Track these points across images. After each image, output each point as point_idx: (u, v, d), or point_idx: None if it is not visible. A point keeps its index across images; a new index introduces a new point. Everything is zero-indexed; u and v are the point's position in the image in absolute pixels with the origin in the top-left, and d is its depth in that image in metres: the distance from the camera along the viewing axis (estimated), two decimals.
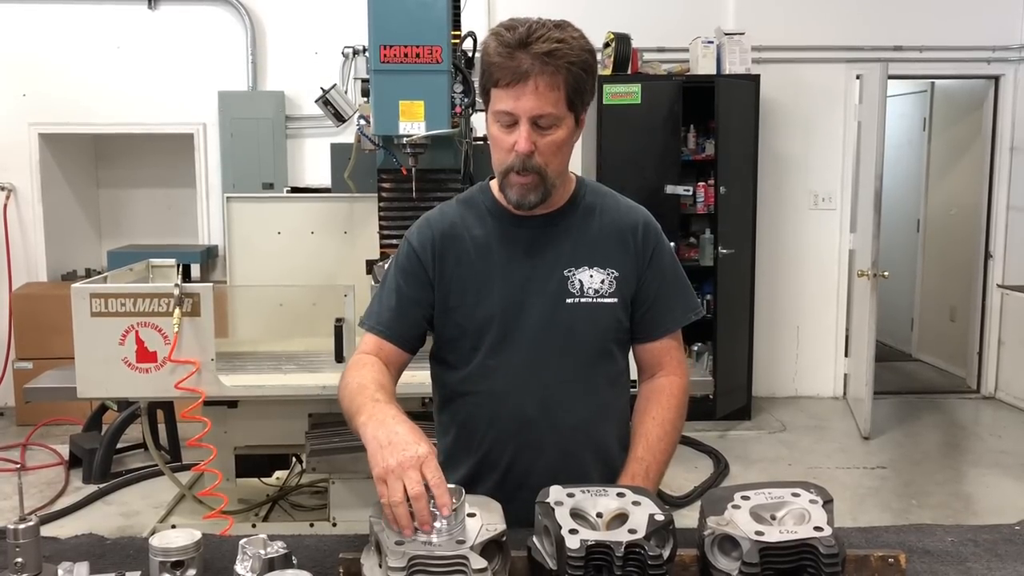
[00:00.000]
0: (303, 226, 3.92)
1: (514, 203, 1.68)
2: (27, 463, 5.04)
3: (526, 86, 1.57)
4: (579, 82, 1.61)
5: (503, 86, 1.59)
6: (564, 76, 1.58)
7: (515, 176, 1.64)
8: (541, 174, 1.64)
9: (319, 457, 3.25)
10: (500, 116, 1.62)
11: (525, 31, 1.57)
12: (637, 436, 1.78)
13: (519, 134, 1.60)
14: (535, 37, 1.57)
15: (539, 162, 1.62)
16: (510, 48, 1.57)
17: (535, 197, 1.66)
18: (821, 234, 6.28)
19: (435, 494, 1.34)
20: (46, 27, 5.93)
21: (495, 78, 1.60)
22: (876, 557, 1.48)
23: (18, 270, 6.04)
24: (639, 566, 1.36)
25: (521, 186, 1.65)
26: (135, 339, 3.03)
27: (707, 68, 5.61)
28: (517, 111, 1.59)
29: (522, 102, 1.58)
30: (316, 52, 5.83)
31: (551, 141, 1.62)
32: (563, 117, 1.62)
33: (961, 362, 6.81)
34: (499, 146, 1.65)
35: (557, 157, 1.65)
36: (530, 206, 1.68)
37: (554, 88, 1.58)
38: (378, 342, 1.75)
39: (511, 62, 1.57)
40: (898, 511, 4.44)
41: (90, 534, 1.69)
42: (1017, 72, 6.21)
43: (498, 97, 1.61)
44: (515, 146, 1.61)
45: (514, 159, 1.62)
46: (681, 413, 1.81)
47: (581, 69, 1.60)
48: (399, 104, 3.09)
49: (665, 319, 1.80)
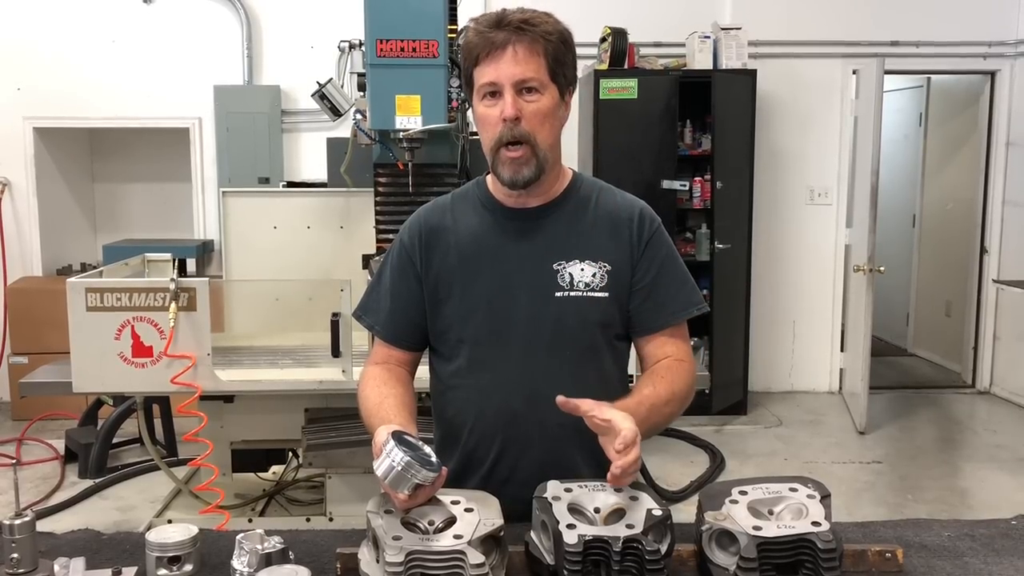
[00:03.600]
0: (299, 221, 3.91)
1: (508, 180, 1.66)
2: (23, 458, 5.03)
3: (504, 53, 1.60)
4: (559, 53, 1.64)
5: (483, 60, 1.62)
6: (543, 45, 1.62)
7: (506, 151, 1.64)
8: (531, 143, 1.63)
9: (315, 452, 3.25)
10: (484, 91, 1.64)
11: (499, 12, 1.64)
12: (636, 390, 1.69)
13: (504, 102, 1.61)
14: (510, 15, 1.63)
15: (526, 129, 1.62)
16: (487, 27, 1.62)
17: (528, 171, 1.65)
18: (817, 229, 6.28)
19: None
20: (41, 20, 5.90)
21: (474, 55, 1.63)
22: (874, 552, 1.48)
23: (13, 264, 6.02)
24: (637, 561, 1.36)
25: (513, 160, 1.64)
26: (131, 334, 3.02)
27: (704, 63, 5.61)
28: (499, 79, 1.61)
29: (502, 68, 1.60)
30: (312, 46, 5.81)
31: (536, 108, 1.63)
32: (546, 84, 1.63)
33: (956, 357, 6.83)
34: (486, 123, 1.65)
35: (544, 126, 1.65)
36: (524, 182, 1.66)
37: (533, 54, 1.61)
38: (387, 350, 1.81)
39: (488, 36, 1.61)
40: (894, 506, 4.45)
41: (86, 529, 1.69)
42: (1013, 67, 6.21)
43: (480, 73, 1.64)
44: (501, 114, 1.61)
45: (502, 129, 1.62)
46: (684, 386, 1.71)
47: (560, 41, 1.65)
48: (395, 99, 3.08)
49: (665, 310, 1.75)
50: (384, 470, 1.40)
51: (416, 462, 1.39)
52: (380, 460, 1.42)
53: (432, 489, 1.44)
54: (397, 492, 1.40)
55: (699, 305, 1.80)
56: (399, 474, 1.39)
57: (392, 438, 1.42)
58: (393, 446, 1.41)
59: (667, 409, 1.67)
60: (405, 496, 1.40)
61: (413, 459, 1.39)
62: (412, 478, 1.39)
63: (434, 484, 1.43)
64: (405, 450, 1.40)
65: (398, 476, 1.39)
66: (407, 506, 1.43)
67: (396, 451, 1.40)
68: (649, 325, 1.76)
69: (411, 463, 1.39)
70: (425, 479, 1.40)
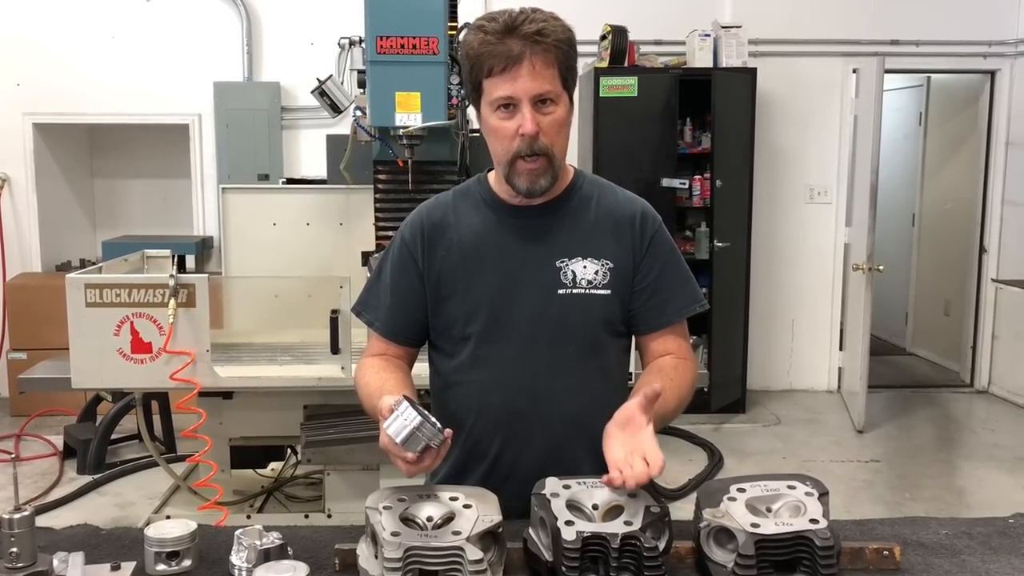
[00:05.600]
0: (299, 217, 3.90)
1: (525, 191, 1.66)
2: (21, 454, 5.03)
3: (521, 67, 1.57)
4: (568, 58, 1.64)
5: (497, 73, 1.59)
6: (555, 54, 1.60)
7: (523, 163, 1.63)
8: (548, 155, 1.63)
9: (314, 448, 3.25)
10: (499, 103, 1.61)
11: (508, 18, 1.59)
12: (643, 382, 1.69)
13: (523, 117, 1.59)
14: (519, 21, 1.58)
15: (545, 143, 1.62)
16: (498, 35, 1.58)
17: (545, 181, 1.65)
18: (817, 228, 6.29)
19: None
20: (41, 16, 5.90)
21: (487, 67, 1.59)
22: (871, 549, 1.49)
23: (12, 260, 6.02)
24: (635, 558, 1.36)
25: (530, 172, 1.64)
26: (130, 330, 3.02)
27: (704, 61, 5.60)
28: (517, 93, 1.59)
29: (520, 83, 1.58)
30: (312, 43, 5.80)
31: (553, 120, 1.62)
32: (560, 94, 1.63)
33: (955, 356, 6.83)
34: (500, 135, 1.63)
35: (560, 136, 1.65)
36: (541, 191, 1.67)
37: (549, 66, 1.59)
38: (384, 345, 1.81)
39: (502, 48, 1.57)
40: (892, 504, 4.46)
41: (85, 525, 1.69)
42: (1013, 67, 6.22)
43: (493, 85, 1.60)
44: (520, 130, 1.60)
45: (520, 144, 1.61)
46: (688, 388, 1.73)
47: (569, 47, 1.64)
48: (395, 95, 3.08)
49: (667, 309, 1.76)
50: (396, 428, 1.41)
51: (427, 423, 1.41)
52: (391, 420, 1.43)
53: (437, 457, 1.45)
54: (407, 452, 1.41)
55: (701, 302, 1.81)
56: (411, 432, 1.40)
57: (405, 399, 1.44)
58: (407, 406, 1.42)
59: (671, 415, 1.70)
60: (413, 457, 1.42)
61: (424, 420, 1.41)
62: (423, 438, 1.41)
63: (439, 450, 1.44)
64: (417, 412, 1.41)
65: (410, 434, 1.40)
66: (412, 471, 1.44)
67: (409, 411, 1.41)
68: (652, 323, 1.77)
69: (423, 422, 1.40)
70: (435, 440, 1.41)
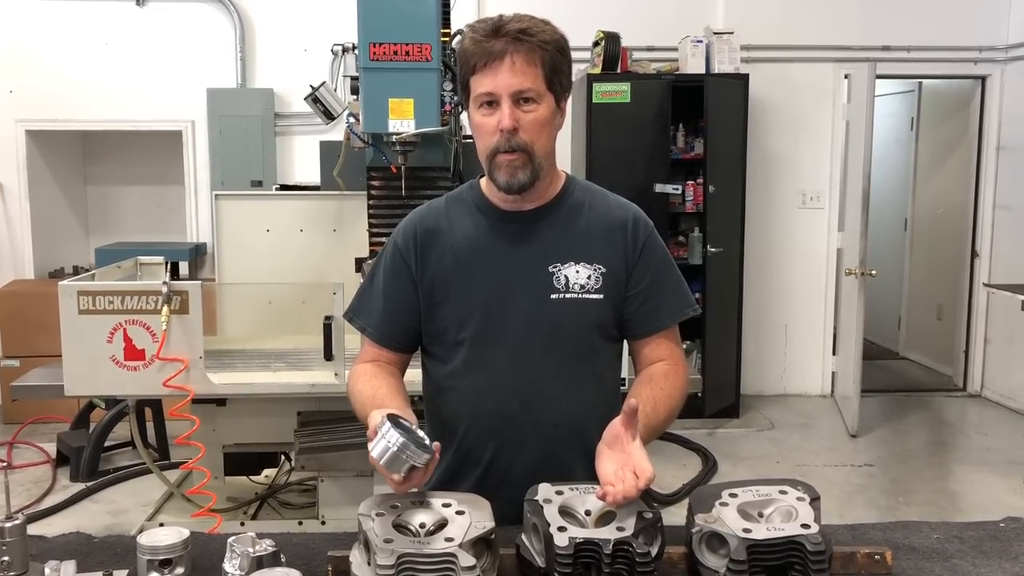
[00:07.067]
0: (292, 224, 3.90)
1: (503, 185, 1.67)
2: (14, 461, 5.01)
3: (502, 63, 1.61)
4: (555, 62, 1.65)
5: (480, 69, 1.63)
6: (540, 54, 1.62)
7: (502, 156, 1.65)
8: (528, 152, 1.65)
9: (308, 455, 3.25)
10: (480, 100, 1.64)
11: (496, 20, 1.65)
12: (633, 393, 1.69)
13: (501, 112, 1.62)
14: (506, 22, 1.64)
15: (524, 139, 1.64)
16: (485, 35, 1.63)
17: (524, 176, 1.66)
18: (809, 233, 6.30)
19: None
20: (33, 23, 5.89)
21: (472, 64, 1.64)
22: (863, 554, 1.49)
23: (5, 267, 6.01)
24: (627, 563, 1.36)
25: (509, 164, 1.65)
26: (123, 337, 3.02)
27: (696, 67, 5.62)
28: (496, 89, 1.62)
29: (500, 79, 1.61)
30: (305, 49, 5.81)
31: (534, 118, 1.64)
32: (543, 94, 1.64)
33: (948, 360, 6.85)
34: (482, 131, 1.66)
35: (542, 135, 1.66)
36: (520, 187, 1.67)
37: (531, 64, 1.62)
38: (376, 350, 1.81)
39: (487, 45, 1.62)
40: (885, 508, 4.46)
41: (77, 532, 1.69)
42: (1004, 72, 6.24)
43: (477, 82, 1.64)
44: (498, 124, 1.62)
45: (499, 139, 1.63)
46: (680, 395, 1.74)
47: (556, 50, 1.65)
48: (389, 102, 3.09)
49: (660, 313, 1.77)
50: (379, 451, 1.41)
51: (411, 444, 1.40)
52: (375, 442, 1.42)
53: (426, 473, 1.44)
54: (392, 474, 1.41)
55: (693, 307, 1.83)
56: (394, 455, 1.40)
57: (388, 420, 1.43)
58: (389, 427, 1.41)
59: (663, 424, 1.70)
60: (400, 478, 1.41)
61: (408, 441, 1.40)
62: (407, 460, 1.40)
63: (427, 467, 1.44)
64: (401, 432, 1.41)
65: (393, 457, 1.40)
66: (401, 489, 1.44)
67: (392, 432, 1.40)
68: (645, 328, 1.78)
69: (407, 444, 1.39)
70: (420, 460, 1.40)
